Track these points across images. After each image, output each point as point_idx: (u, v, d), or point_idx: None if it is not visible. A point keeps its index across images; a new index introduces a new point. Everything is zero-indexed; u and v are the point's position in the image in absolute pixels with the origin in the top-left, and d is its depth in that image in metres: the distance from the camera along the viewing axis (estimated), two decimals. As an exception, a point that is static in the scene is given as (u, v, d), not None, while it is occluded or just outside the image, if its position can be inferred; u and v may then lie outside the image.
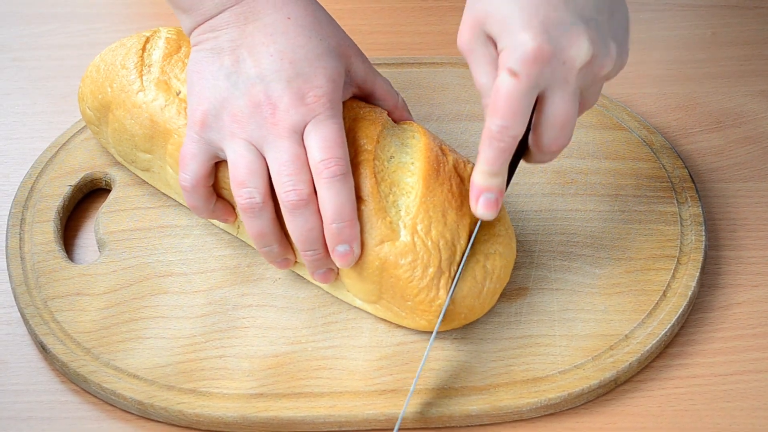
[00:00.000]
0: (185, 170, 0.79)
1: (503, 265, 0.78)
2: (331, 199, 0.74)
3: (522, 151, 0.77)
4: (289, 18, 0.78)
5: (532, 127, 0.74)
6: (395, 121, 0.83)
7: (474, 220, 0.77)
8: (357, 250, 0.75)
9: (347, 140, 0.78)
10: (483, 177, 0.73)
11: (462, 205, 0.77)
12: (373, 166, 0.77)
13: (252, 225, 0.77)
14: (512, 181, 0.88)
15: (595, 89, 0.75)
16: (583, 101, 0.75)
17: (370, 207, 0.76)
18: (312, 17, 0.79)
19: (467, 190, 0.78)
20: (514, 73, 0.69)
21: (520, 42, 0.69)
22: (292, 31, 0.77)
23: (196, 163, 0.78)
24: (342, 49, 0.80)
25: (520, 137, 0.72)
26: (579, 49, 0.70)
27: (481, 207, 0.73)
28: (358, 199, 0.76)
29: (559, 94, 0.71)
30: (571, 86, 0.71)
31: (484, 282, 0.76)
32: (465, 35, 0.74)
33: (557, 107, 0.72)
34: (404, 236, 0.75)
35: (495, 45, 0.72)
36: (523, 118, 0.70)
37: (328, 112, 0.76)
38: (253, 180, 0.76)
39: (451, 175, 0.78)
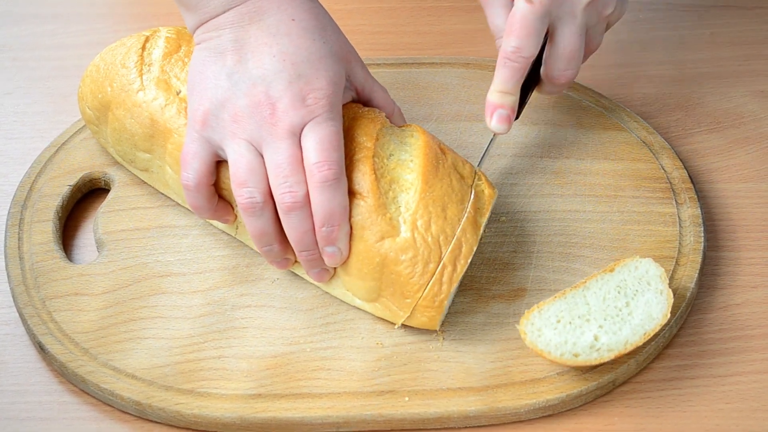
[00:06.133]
0: (187, 169, 0.78)
1: None
2: (322, 203, 0.74)
3: (534, 83, 0.86)
4: (293, 20, 0.78)
5: (543, 60, 0.85)
6: (392, 126, 0.83)
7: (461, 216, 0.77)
8: (345, 251, 0.76)
9: (347, 138, 0.78)
10: (497, 95, 0.82)
11: (462, 199, 0.77)
12: (373, 163, 0.77)
13: (253, 224, 0.77)
14: (511, 182, 0.89)
15: (599, 29, 0.85)
16: (589, 40, 0.85)
17: (369, 203, 0.76)
18: (316, 20, 0.79)
19: (468, 186, 0.78)
20: (529, 0, 0.80)
21: None
22: (295, 33, 0.77)
23: (197, 161, 0.78)
24: (343, 53, 0.80)
25: (532, 59, 0.82)
26: None
27: (494, 121, 0.82)
28: (358, 195, 0.76)
29: (568, 27, 0.82)
30: (578, 21, 0.82)
31: None
32: None
33: (566, 40, 0.83)
34: (404, 232, 0.75)
35: None
36: (535, 40, 0.81)
37: (327, 114, 0.76)
38: (253, 179, 0.76)
39: (450, 171, 0.78)
